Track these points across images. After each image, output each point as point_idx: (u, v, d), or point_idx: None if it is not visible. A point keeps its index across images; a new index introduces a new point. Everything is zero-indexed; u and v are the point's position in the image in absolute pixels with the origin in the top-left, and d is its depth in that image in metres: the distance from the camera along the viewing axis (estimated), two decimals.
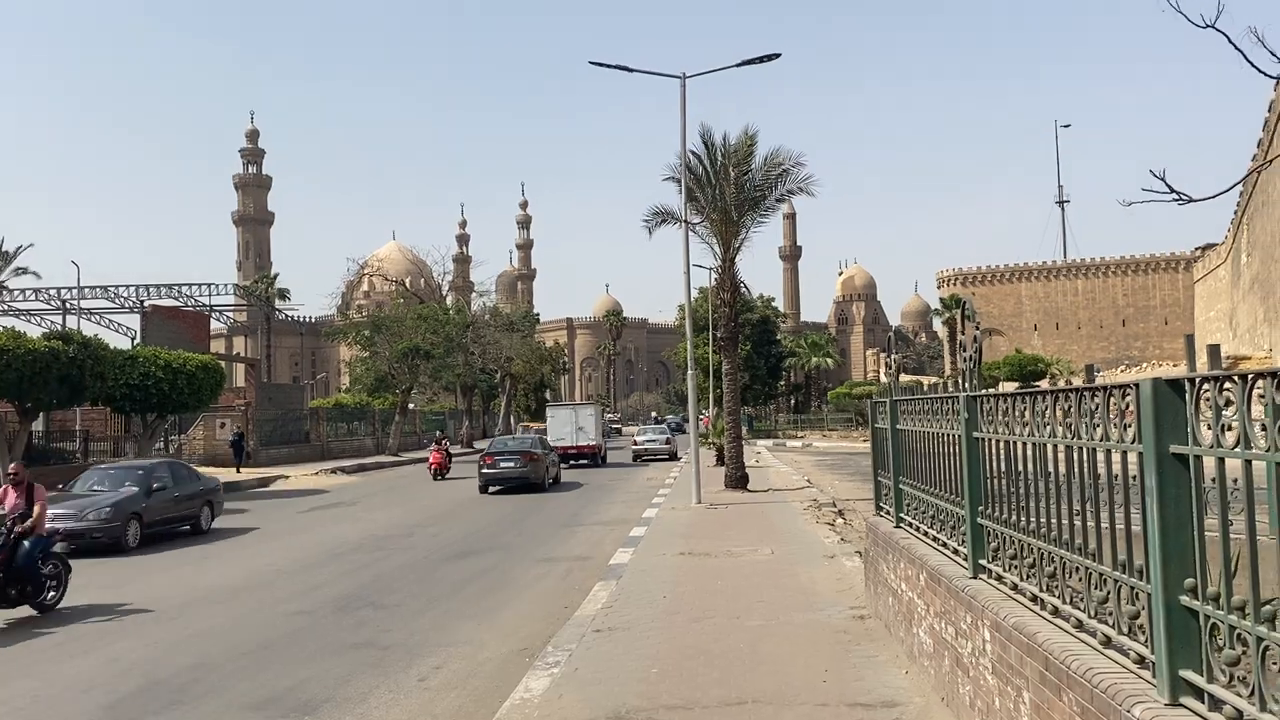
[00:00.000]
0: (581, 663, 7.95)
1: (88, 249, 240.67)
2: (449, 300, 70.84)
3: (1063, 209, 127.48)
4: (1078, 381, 4.37)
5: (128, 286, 56.37)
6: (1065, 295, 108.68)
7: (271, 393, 50.49)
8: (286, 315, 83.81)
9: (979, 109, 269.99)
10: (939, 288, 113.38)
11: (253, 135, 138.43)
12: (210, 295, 58.81)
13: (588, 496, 26.22)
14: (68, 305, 54.64)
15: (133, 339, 48.38)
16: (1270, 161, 41.07)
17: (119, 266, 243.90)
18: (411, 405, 59.96)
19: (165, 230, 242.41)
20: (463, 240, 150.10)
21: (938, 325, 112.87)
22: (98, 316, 56.72)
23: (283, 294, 78.23)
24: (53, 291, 55.67)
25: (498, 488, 27.64)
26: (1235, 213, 64.39)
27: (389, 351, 51.74)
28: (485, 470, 27.99)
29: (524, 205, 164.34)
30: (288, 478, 34.35)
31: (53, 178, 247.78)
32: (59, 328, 37.61)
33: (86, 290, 55.30)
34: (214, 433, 42.37)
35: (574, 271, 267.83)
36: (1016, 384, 46.35)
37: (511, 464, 27.77)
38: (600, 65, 23.08)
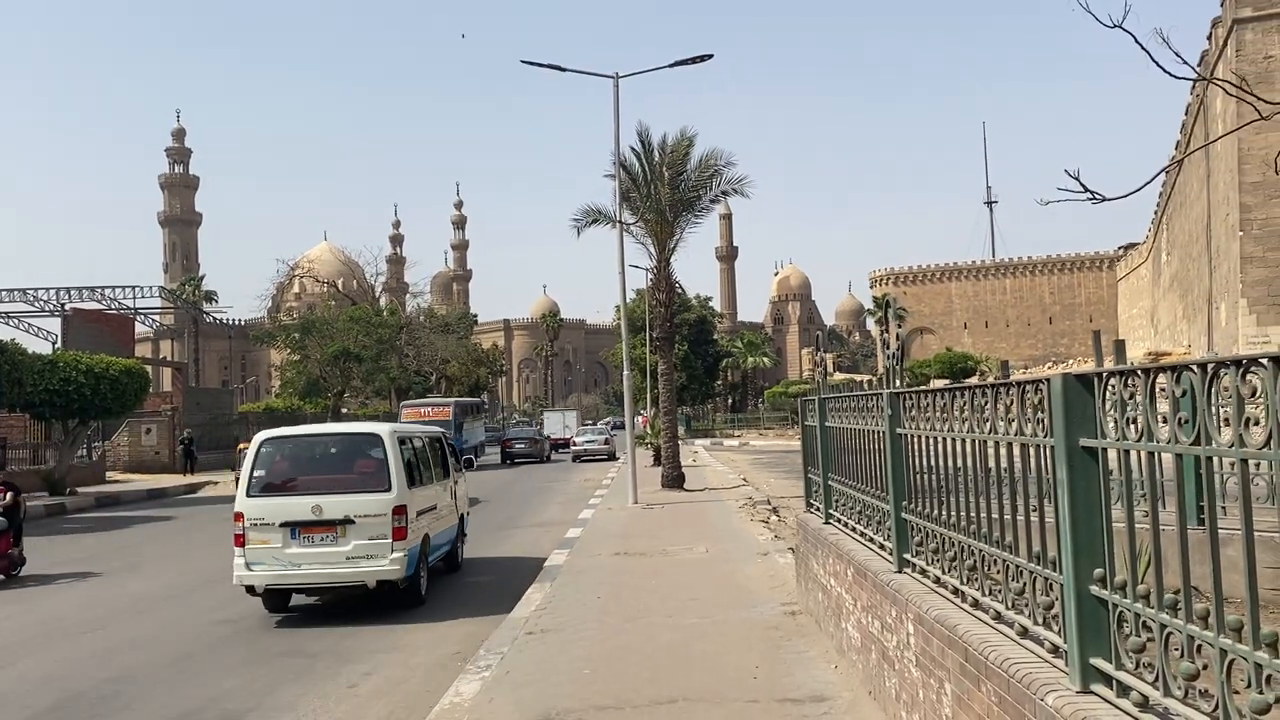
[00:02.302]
0: (513, 665, 7.89)
1: (4, 250, 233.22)
2: (382, 302, 69.96)
3: (991, 209, 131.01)
4: None
5: (47, 289, 54.50)
6: (994, 294, 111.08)
7: (200, 397, 49.41)
8: (215, 318, 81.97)
9: (911, 110, 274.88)
10: (872, 288, 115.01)
11: (179, 134, 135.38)
12: (135, 298, 57.19)
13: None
14: None
15: (53, 343, 46.88)
16: (1180, 160, 42.37)
17: (38, 269, 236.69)
18: (345, 409, 59.06)
19: (87, 232, 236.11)
20: (396, 241, 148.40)
21: (871, 324, 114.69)
22: (15, 320, 54.82)
23: (210, 296, 76.65)
24: None
25: (511, 461, 42.67)
26: (1155, 213, 66.33)
27: (320, 355, 50.90)
28: (506, 450, 43.64)
29: (459, 205, 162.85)
30: (217, 484, 33.58)
31: None
32: None
33: (4, 293, 53.49)
34: (139, 439, 41.33)
35: (511, 273, 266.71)
36: (947, 381, 47.19)
37: (523, 445, 44.37)
38: (532, 64, 23.01)
